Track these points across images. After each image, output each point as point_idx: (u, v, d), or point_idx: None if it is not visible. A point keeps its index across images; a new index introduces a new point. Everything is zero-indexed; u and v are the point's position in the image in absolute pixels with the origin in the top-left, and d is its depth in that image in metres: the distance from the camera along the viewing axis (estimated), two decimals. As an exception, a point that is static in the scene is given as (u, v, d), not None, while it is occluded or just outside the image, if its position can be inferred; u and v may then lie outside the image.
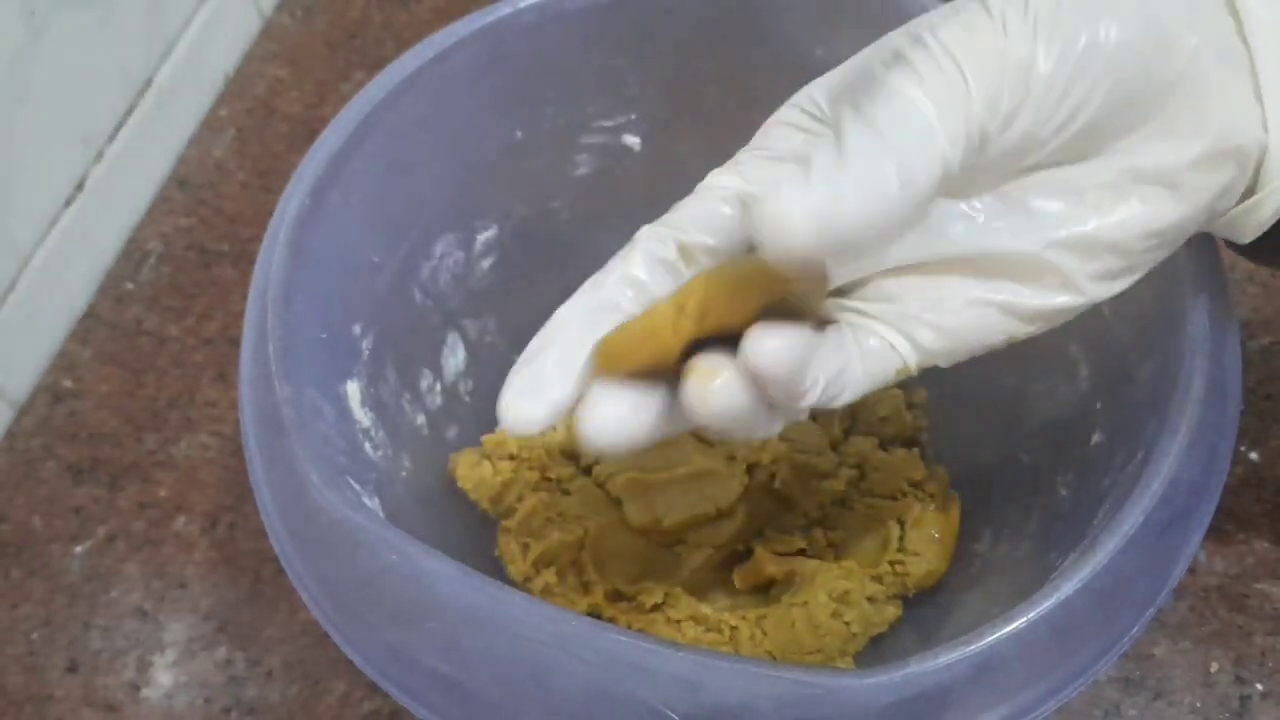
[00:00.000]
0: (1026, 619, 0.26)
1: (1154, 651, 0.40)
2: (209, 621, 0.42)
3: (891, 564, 0.38)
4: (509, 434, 0.26)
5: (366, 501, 0.33)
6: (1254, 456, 0.44)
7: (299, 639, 0.42)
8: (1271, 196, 0.26)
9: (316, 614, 0.29)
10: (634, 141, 0.43)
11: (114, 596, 0.43)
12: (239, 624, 0.42)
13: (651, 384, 0.25)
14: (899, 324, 0.27)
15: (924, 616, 0.38)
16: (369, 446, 0.36)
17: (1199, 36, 0.24)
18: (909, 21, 0.26)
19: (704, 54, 0.40)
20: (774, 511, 0.40)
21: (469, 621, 0.26)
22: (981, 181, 0.26)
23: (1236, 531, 0.42)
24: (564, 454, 0.42)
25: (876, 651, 0.38)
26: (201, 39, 0.56)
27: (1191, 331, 0.29)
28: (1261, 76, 0.25)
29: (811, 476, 0.39)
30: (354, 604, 0.28)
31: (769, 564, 0.38)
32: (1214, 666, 0.39)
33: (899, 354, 0.27)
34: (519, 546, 0.39)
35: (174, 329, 0.50)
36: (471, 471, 0.40)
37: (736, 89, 0.40)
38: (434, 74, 0.37)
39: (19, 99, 0.46)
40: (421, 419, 0.40)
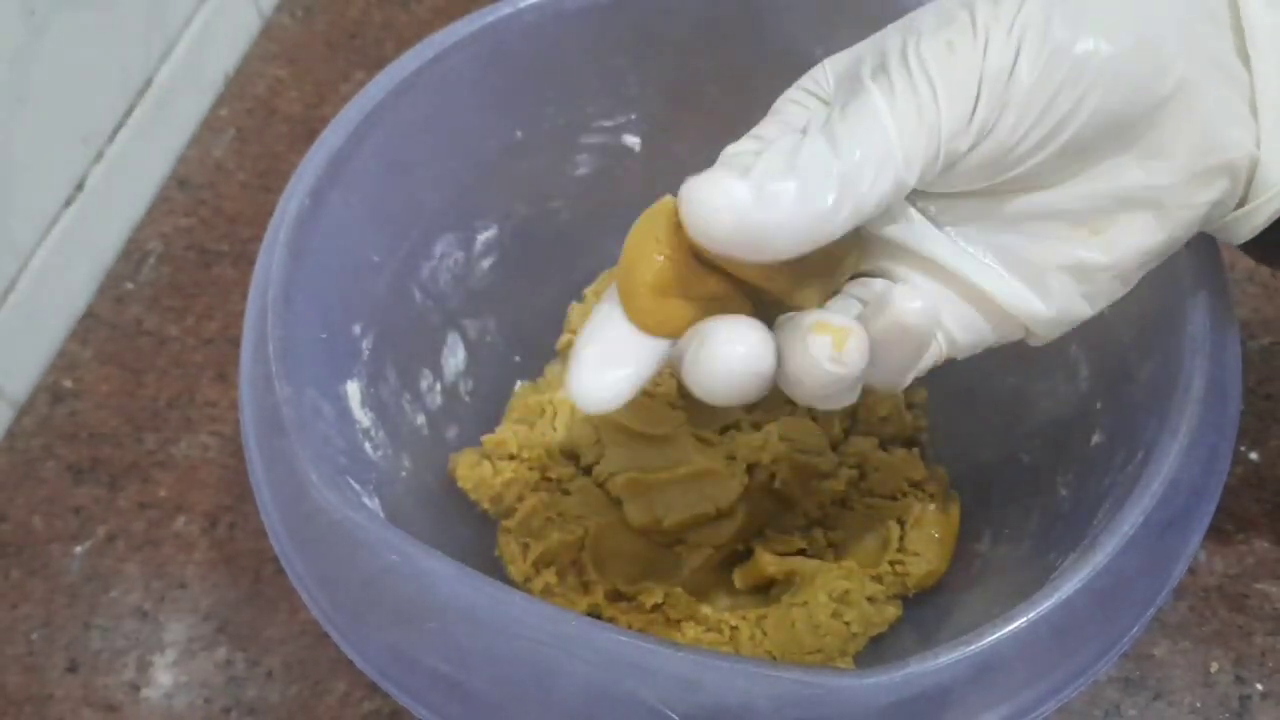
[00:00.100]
0: (1026, 619, 0.26)
1: (1154, 651, 0.40)
2: (209, 621, 0.42)
3: (891, 564, 0.38)
4: (584, 410, 0.25)
5: (366, 501, 0.33)
6: (1254, 456, 0.44)
7: (299, 639, 0.42)
8: (1265, 205, 0.26)
9: (316, 614, 0.29)
10: (634, 141, 0.43)
11: (114, 596, 0.43)
12: (239, 624, 0.42)
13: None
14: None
15: (924, 616, 0.38)
16: (369, 446, 0.36)
17: (1192, 57, 0.24)
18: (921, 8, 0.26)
19: (704, 54, 0.40)
20: (774, 511, 0.40)
21: (469, 621, 0.26)
22: (966, 189, 0.26)
23: (1236, 531, 0.42)
24: (564, 454, 0.42)
25: (876, 651, 0.38)
26: (201, 39, 0.56)
27: (1191, 331, 0.29)
28: (1259, 92, 0.25)
29: (811, 476, 0.39)
30: (354, 604, 0.28)
31: (769, 564, 0.38)
32: (1214, 666, 0.39)
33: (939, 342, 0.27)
34: (519, 546, 0.39)
35: (174, 329, 0.50)
36: (471, 471, 0.40)
37: (736, 89, 0.40)
38: (434, 74, 0.37)
39: (19, 99, 0.46)
40: (421, 419, 0.40)
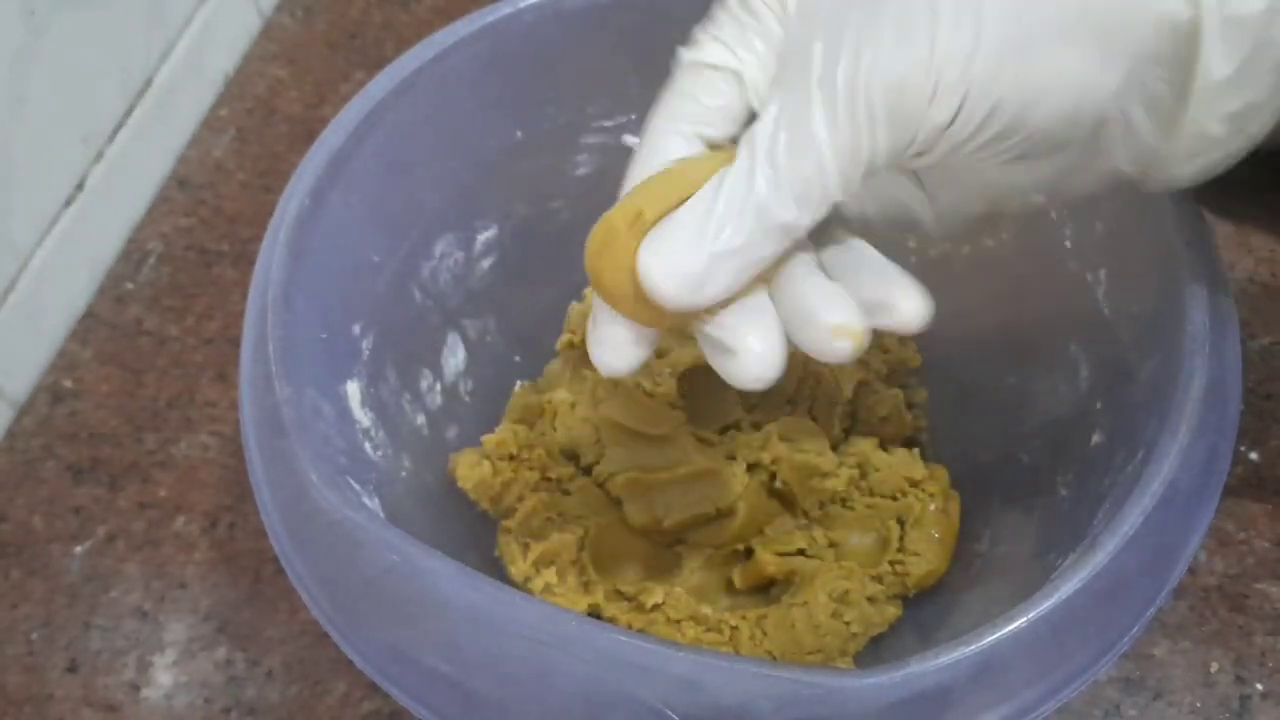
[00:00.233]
0: (1026, 619, 0.26)
1: (1154, 651, 0.40)
2: (209, 621, 0.42)
3: (891, 564, 0.38)
4: (602, 372, 0.27)
5: (366, 501, 0.33)
6: (1254, 456, 0.44)
7: (299, 639, 0.42)
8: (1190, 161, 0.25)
9: (316, 614, 0.29)
10: (634, 141, 0.42)
11: (114, 596, 0.43)
12: (239, 624, 0.42)
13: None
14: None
15: (924, 616, 0.38)
16: (369, 446, 0.36)
17: (1125, 99, 0.24)
18: None
19: (704, 54, 0.40)
20: (774, 511, 0.40)
21: (469, 621, 0.26)
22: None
23: (1236, 531, 0.42)
24: (564, 454, 0.42)
25: (876, 651, 0.38)
26: (201, 39, 0.56)
27: (1191, 331, 0.29)
28: None
29: (811, 476, 0.39)
30: (354, 604, 0.28)
31: (769, 564, 0.38)
32: (1214, 666, 0.39)
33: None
34: (519, 546, 0.39)
35: (174, 329, 0.50)
36: (471, 471, 0.40)
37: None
38: (434, 74, 0.37)
39: (19, 99, 0.46)
40: (421, 419, 0.40)
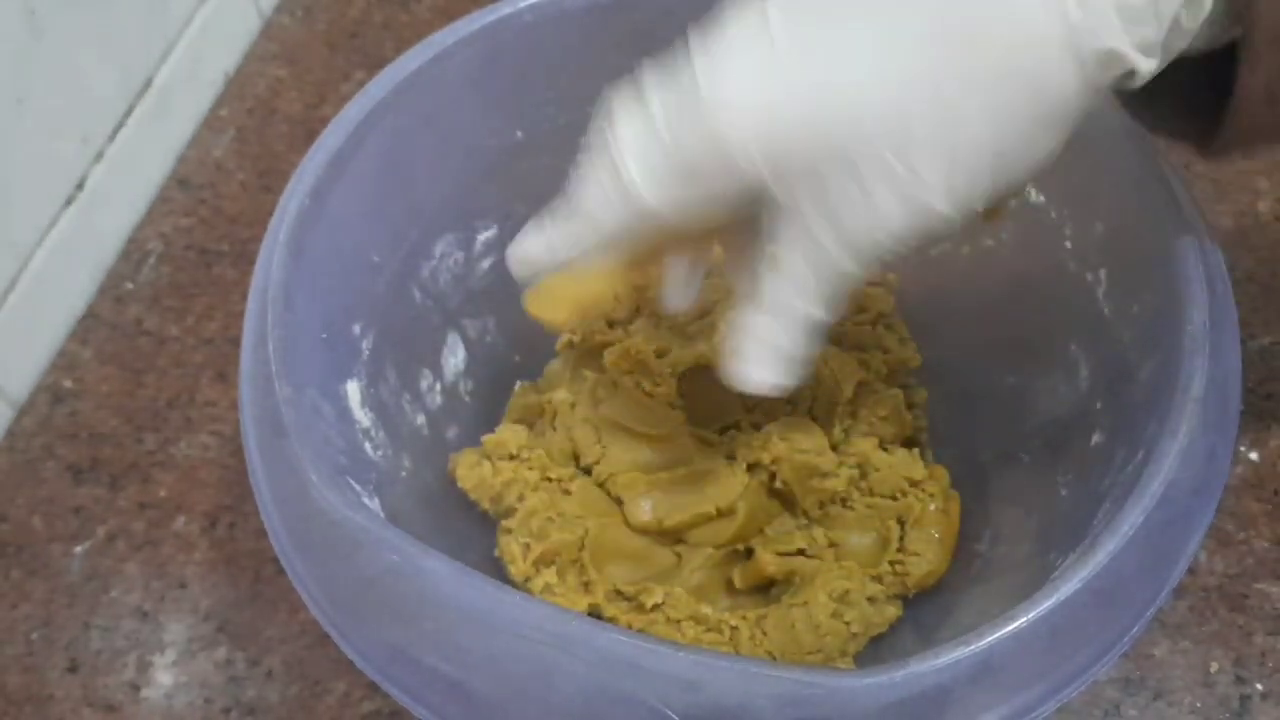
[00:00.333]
0: (1026, 619, 0.26)
1: (1154, 651, 0.40)
2: (209, 621, 0.42)
3: (891, 564, 0.38)
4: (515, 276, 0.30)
5: (366, 502, 0.33)
6: (1254, 456, 0.44)
7: (299, 639, 0.42)
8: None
9: (316, 614, 0.29)
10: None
11: (114, 596, 0.43)
12: (239, 624, 0.42)
13: None
14: None
15: (924, 616, 0.38)
16: (369, 447, 0.36)
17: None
18: None
19: (704, 54, 0.40)
20: (774, 511, 0.40)
21: (469, 621, 0.26)
22: None
23: (1236, 531, 0.42)
24: (564, 454, 0.42)
25: (876, 651, 0.38)
26: (201, 39, 0.56)
27: (1191, 331, 0.29)
28: None
29: (811, 476, 0.39)
30: (354, 604, 0.28)
31: (769, 564, 0.38)
32: (1214, 666, 0.39)
33: None
34: (519, 546, 0.39)
35: (174, 329, 0.50)
36: (471, 471, 0.40)
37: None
38: (434, 74, 0.37)
39: (19, 99, 0.46)
40: (421, 419, 0.40)
